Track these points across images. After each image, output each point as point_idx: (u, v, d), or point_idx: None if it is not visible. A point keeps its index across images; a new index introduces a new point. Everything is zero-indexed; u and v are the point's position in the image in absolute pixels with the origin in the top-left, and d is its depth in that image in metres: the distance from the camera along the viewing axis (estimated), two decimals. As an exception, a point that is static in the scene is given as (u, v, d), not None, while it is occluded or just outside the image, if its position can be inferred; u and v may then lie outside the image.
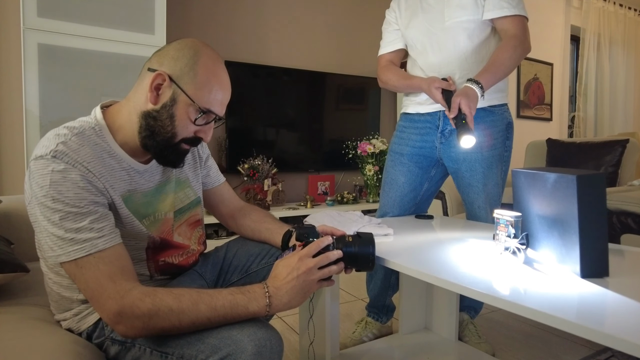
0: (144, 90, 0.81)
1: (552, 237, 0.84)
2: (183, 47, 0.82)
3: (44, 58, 1.84)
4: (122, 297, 0.69)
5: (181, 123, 0.81)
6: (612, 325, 0.59)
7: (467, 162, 1.43)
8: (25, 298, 1.00)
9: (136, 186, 0.85)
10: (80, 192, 0.72)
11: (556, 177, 0.80)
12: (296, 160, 3.07)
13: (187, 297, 0.70)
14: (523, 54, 1.36)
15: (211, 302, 0.71)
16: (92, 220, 0.72)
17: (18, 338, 0.76)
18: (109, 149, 0.81)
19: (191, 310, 0.70)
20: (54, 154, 0.72)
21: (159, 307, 0.69)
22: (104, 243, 0.72)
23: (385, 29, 1.58)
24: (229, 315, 0.71)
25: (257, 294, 0.74)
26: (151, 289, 0.71)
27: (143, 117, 0.81)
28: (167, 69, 0.80)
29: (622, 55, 4.89)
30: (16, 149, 2.12)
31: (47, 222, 0.71)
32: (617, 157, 2.61)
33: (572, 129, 4.75)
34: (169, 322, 0.69)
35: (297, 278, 0.76)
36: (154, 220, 0.88)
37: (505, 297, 0.68)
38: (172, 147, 0.84)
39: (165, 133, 0.81)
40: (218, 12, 2.82)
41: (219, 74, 0.84)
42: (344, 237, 0.87)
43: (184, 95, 0.80)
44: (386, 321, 1.65)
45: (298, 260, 0.78)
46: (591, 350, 1.56)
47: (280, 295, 0.75)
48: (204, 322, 0.70)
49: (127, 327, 0.70)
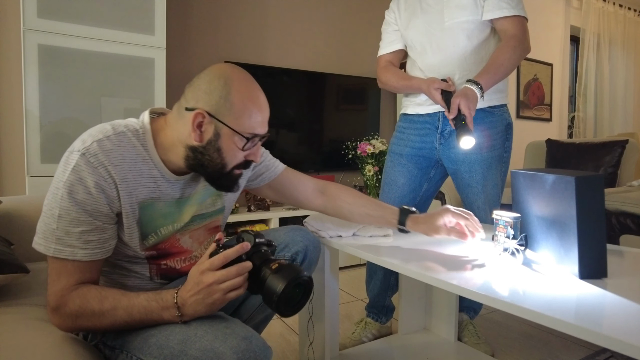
0: (186, 125, 0.81)
1: (550, 238, 0.85)
2: (212, 78, 0.81)
3: (44, 59, 1.84)
4: (61, 296, 0.75)
5: (229, 154, 0.83)
6: (610, 326, 0.59)
7: (466, 163, 1.44)
8: (25, 298, 1.00)
9: (160, 195, 0.85)
10: (88, 198, 0.75)
11: (555, 179, 0.80)
12: (296, 161, 3.07)
13: (110, 300, 0.75)
14: (523, 55, 1.36)
15: (128, 308, 0.75)
16: (83, 231, 0.75)
17: (18, 338, 0.76)
18: (145, 155, 0.82)
19: (110, 313, 0.74)
20: (84, 152, 0.75)
21: (83, 310, 0.74)
22: (83, 255, 0.76)
23: (384, 30, 1.59)
24: (145, 321, 0.75)
25: (169, 302, 0.74)
26: (86, 290, 0.76)
27: (190, 150, 0.83)
28: (203, 105, 0.80)
29: (622, 56, 4.89)
30: (16, 150, 2.12)
31: (47, 210, 0.75)
32: (617, 158, 2.61)
33: (572, 129, 4.75)
34: (92, 323, 0.75)
35: (199, 292, 0.73)
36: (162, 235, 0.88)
37: (504, 298, 0.69)
38: (225, 176, 0.86)
39: (215, 165, 0.83)
40: (218, 12, 2.82)
41: (254, 96, 0.84)
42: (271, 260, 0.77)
43: (226, 127, 0.81)
44: (386, 322, 1.65)
45: (200, 273, 0.74)
46: (590, 350, 1.56)
47: (186, 307, 0.74)
48: (122, 325, 0.76)
49: (59, 322, 0.77)
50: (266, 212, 2.59)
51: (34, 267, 1.09)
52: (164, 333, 0.73)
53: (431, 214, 1.05)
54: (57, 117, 1.87)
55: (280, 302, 0.73)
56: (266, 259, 0.77)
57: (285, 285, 0.72)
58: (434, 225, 1.03)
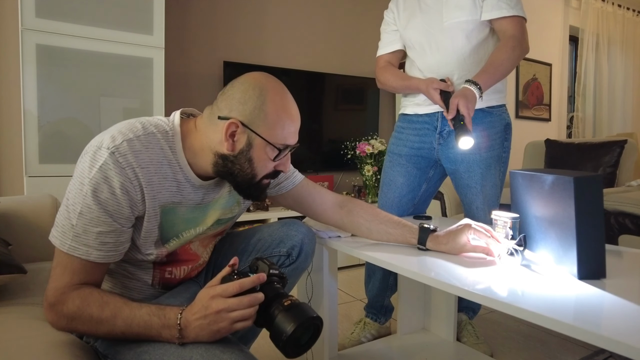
0: (218, 133, 0.80)
1: (549, 238, 0.84)
2: (248, 87, 0.81)
3: (42, 59, 1.84)
4: (62, 293, 0.73)
5: (260, 164, 0.83)
6: (609, 327, 0.59)
7: (465, 163, 1.44)
8: (23, 299, 1.00)
9: (182, 199, 0.84)
10: (111, 199, 0.73)
11: (553, 179, 0.80)
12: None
13: (111, 307, 0.73)
14: (521, 55, 1.36)
15: (128, 319, 0.72)
16: (101, 232, 0.74)
17: (15, 339, 0.76)
18: (171, 158, 0.81)
19: (109, 322, 0.72)
20: (113, 150, 0.73)
21: (82, 313, 0.72)
22: (96, 257, 0.75)
23: (383, 30, 1.58)
24: (142, 335, 0.72)
25: (171, 321, 0.71)
26: (88, 292, 0.74)
27: (220, 157, 0.82)
28: (237, 114, 0.80)
29: (621, 56, 4.89)
30: (15, 150, 2.12)
31: (70, 204, 0.74)
32: (616, 158, 2.61)
33: (571, 129, 4.75)
34: (87, 327, 0.74)
35: (206, 317, 0.69)
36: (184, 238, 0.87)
37: (503, 298, 0.69)
38: (254, 185, 0.85)
39: (245, 175, 0.83)
40: (217, 12, 2.82)
41: (288, 107, 0.84)
42: (284, 296, 0.74)
43: (259, 138, 0.80)
44: (385, 322, 1.65)
45: (210, 298, 0.70)
46: (589, 350, 1.56)
47: (189, 330, 0.70)
48: (118, 335, 0.73)
49: (53, 320, 0.75)
50: (265, 213, 2.59)
51: (31, 267, 1.09)
52: (159, 352, 0.71)
53: (452, 231, 0.98)
54: (55, 117, 1.86)
55: (288, 343, 0.69)
56: (277, 293, 0.74)
57: (297, 327, 0.69)
58: (457, 244, 0.96)
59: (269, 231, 1.06)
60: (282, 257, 1.02)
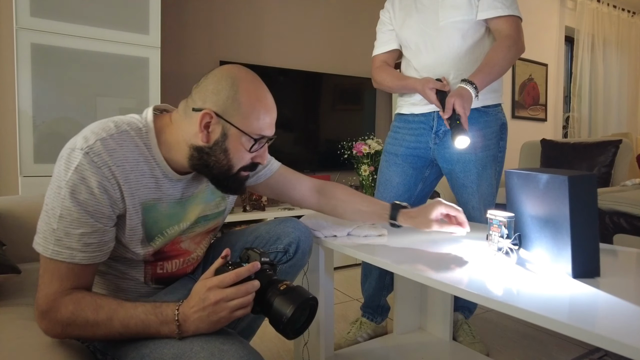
0: (192, 125, 0.80)
1: (544, 237, 0.85)
2: (220, 78, 0.81)
3: (37, 58, 1.83)
4: (53, 300, 0.72)
5: (236, 155, 0.82)
6: (603, 325, 0.59)
7: (461, 163, 1.44)
8: (17, 299, 0.99)
9: (162, 195, 0.84)
10: (90, 199, 0.73)
11: (548, 178, 0.80)
12: (292, 161, 3.05)
13: (106, 310, 0.72)
14: (517, 54, 1.36)
15: (125, 320, 0.72)
16: (83, 233, 0.73)
17: (9, 338, 0.76)
18: (147, 154, 0.81)
19: (105, 324, 0.72)
20: (87, 150, 0.73)
21: (76, 317, 0.71)
22: (81, 259, 0.74)
23: (379, 30, 1.59)
24: (141, 334, 0.73)
25: (169, 317, 0.71)
26: (80, 296, 0.73)
27: (195, 150, 0.81)
28: (211, 105, 0.79)
29: (616, 56, 4.92)
30: (9, 150, 2.11)
31: (49, 209, 0.73)
32: (611, 158, 2.63)
33: (567, 129, 4.78)
34: (84, 331, 0.73)
35: (204, 309, 0.70)
36: (169, 235, 0.87)
37: (498, 297, 0.69)
38: (231, 177, 0.85)
39: (222, 167, 0.82)
40: (213, 12, 2.81)
41: (262, 96, 0.83)
42: (279, 281, 0.76)
43: (234, 128, 0.80)
44: (381, 321, 1.65)
45: (207, 289, 0.71)
46: (585, 349, 1.56)
47: (188, 323, 0.71)
48: (116, 337, 0.73)
49: (47, 327, 0.73)
50: (262, 212, 2.58)
51: (25, 267, 1.08)
52: (158, 345, 0.71)
53: (423, 207, 1.06)
54: (50, 116, 1.85)
55: (288, 325, 0.72)
56: (271, 279, 0.76)
57: (295, 308, 0.71)
58: (426, 219, 1.03)
59: (266, 228, 1.06)
60: (279, 253, 1.03)
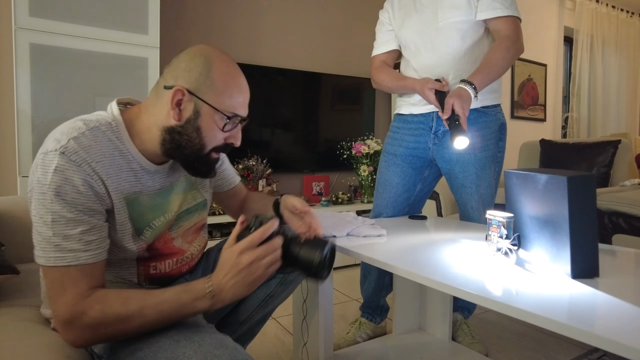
0: (164, 106, 0.79)
1: (543, 237, 0.85)
2: (193, 56, 0.80)
3: (36, 58, 1.83)
4: (74, 305, 0.69)
5: (209, 134, 0.81)
6: (602, 326, 0.59)
7: (460, 163, 1.44)
8: (16, 300, 0.99)
9: (142, 188, 0.83)
10: (78, 197, 0.71)
11: (547, 178, 0.80)
12: (291, 161, 3.06)
13: (135, 301, 0.71)
14: (516, 55, 1.36)
15: (157, 306, 0.71)
16: (83, 231, 0.71)
17: (7, 340, 0.75)
18: (122, 148, 0.79)
19: (138, 315, 0.70)
20: (62, 150, 0.70)
21: (106, 315, 0.69)
22: (86, 258, 0.71)
23: (378, 30, 1.58)
24: (175, 316, 0.73)
25: (201, 292, 0.73)
26: (103, 294, 0.71)
27: (167, 132, 0.80)
28: (183, 82, 0.78)
29: (615, 57, 4.93)
30: (8, 150, 2.10)
31: (38, 219, 0.70)
32: (610, 158, 2.63)
33: (566, 129, 4.78)
34: (116, 328, 0.70)
35: (239, 273, 0.73)
36: (157, 227, 0.86)
37: (497, 298, 0.69)
38: (202, 158, 0.83)
39: (194, 146, 0.81)
40: (212, 12, 2.81)
41: (235, 75, 0.82)
42: (297, 235, 0.82)
43: (207, 105, 0.79)
44: (380, 322, 1.65)
45: (239, 254, 0.74)
46: (583, 349, 1.57)
47: (223, 292, 0.73)
48: (150, 326, 0.72)
49: (75, 337, 0.70)
50: (261, 212, 2.58)
51: (24, 268, 1.08)
52: (153, 348, 0.71)
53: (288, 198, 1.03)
54: (50, 116, 1.85)
55: (320, 266, 0.78)
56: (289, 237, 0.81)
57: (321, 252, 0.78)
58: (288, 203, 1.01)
59: None
60: None
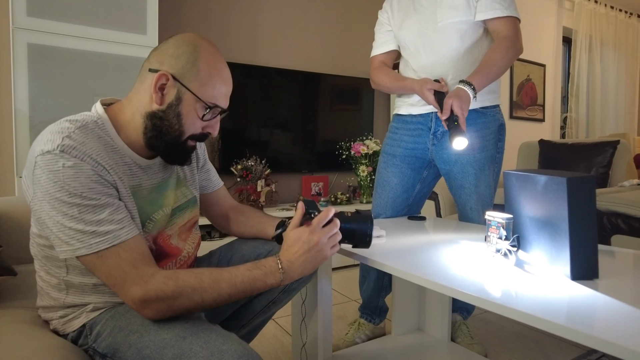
0: (147, 90, 0.80)
1: (542, 239, 0.85)
2: (181, 43, 0.81)
3: (34, 58, 1.82)
4: (146, 283, 0.72)
5: (188, 120, 0.82)
6: (601, 328, 0.59)
7: (459, 164, 1.44)
8: (13, 301, 0.99)
9: (140, 182, 0.84)
10: (95, 186, 0.72)
11: (547, 180, 0.80)
12: (290, 161, 3.06)
13: (208, 275, 0.75)
14: (515, 55, 1.36)
15: (231, 279, 0.76)
16: (111, 212, 0.73)
17: (4, 343, 0.75)
18: (112, 143, 0.80)
19: (213, 288, 0.75)
20: (62, 149, 0.70)
21: (182, 288, 0.73)
22: (125, 234, 0.73)
23: (377, 30, 1.58)
24: (248, 290, 0.78)
25: (273, 268, 0.80)
26: (172, 272, 0.75)
27: (148, 117, 0.81)
28: (168, 67, 0.79)
29: (613, 57, 4.93)
30: (5, 150, 2.10)
31: (62, 217, 0.70)
32: (608, 158, 2.63)
33: (564, 129, 4.79)
34: (193, 301, 0.74)
35: (309, 251, 0.82)
36: (157, 220, 0.87)
37: (496, 300, 0.68)
38: (180, 145, 0.84)
39: (173, 132, 0.82)
40: (211, 12, 2.81)
41: (221, 67, 0.84)
42: (343, 213, 0.91)
43: (190, 93, 0.80)
44: (379, 322, 1.65)
45: (309, 233, 0.83)
46: (583, 350, 1.57)
47: (293, 268, 0.82)
48: (225, 299, 0.76)
49: (153, 310, 0.73)
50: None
51: (21, 269, 1.08)
52: (159, 345, 0.71)
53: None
54: (48, 117, 1.85)
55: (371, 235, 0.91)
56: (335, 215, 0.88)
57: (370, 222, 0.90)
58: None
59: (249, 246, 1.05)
60: None
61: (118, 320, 0.78)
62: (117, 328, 0.77)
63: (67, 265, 0.79)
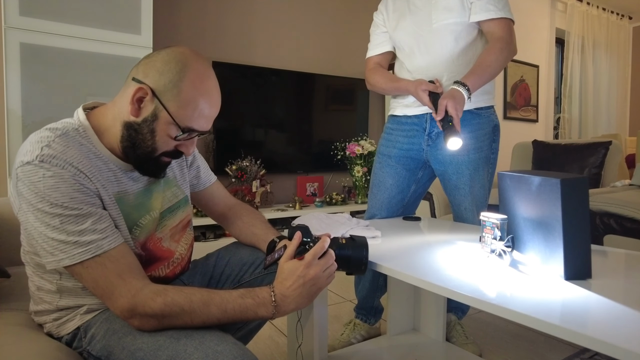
0: (127, 98, 0.78)
1: (536, 239, 0.85)
2: (171, 59, 0.77)
3: (27, 58, 1.81)
4: (133, 296, 0.71)
5: (162, 139, 0.79)
6: (594, 327, 0.59)
7: (453, 165, 1.44)
8: (7, 303, 0.98)
9: (125, 187, 0.83)
10: (77, 195, 0.71)
11: (541, 181, 0.81)
12: (285, 162, 3.06)
13: (198, 297, 0.73)
14: (509, 57, 1.37)
15: (222, 304, 0.73)
16: (93, 222, 0.72)
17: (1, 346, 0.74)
18: (95, 150, 0.79)
19: (202, 310, 0.72)
20: (41, 159, 0.70)
21: (171, 308, 0.71)
22: (108, 244, 0.72)
23: (373, 31, 1.59)
24: (238, 318, 0.75)
25: (266, 300, 0.76)
26: (162, 288, 0.73)
27: (125, 126, 0.79)
28: (150, 82, 0.76)
29: (605, 58, 4.98)
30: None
31: (45, 228, 0.70)
32: (601, 159, 2.66)
33: (558, 130, 4.83)
34: (182, 321, 0.72)
35: (304, 285, 0.78)
36: (144, 225, 0.86)
37: (491, 300, 0.69)
38: (153, 160, 0.82)
39: (146, 147, 0.79)
40: (206, 12, 2.80)
41: (206, 90, 0.80)
42: (337, 239, 0.89)
43: (165, 112, 0.77)
44: (374, 323, 1.65)
45: (305, 267, 0.79)
46: (576, 349, 1.58)
47: (287, 302, 0.78)
48: (214, 323, 0.74)
49: (141, 323, 0.72)
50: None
51: (15, 271, 1.07)
52: (153, 347, 0.70)
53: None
54: (40, 117, 1.83)
55: (367, 263, 0.88)
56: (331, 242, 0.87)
57: (366, 249, 0.88)
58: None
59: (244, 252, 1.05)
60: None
61: (112, 322, 0.78)
62: (111, 330, 0.77)
63: (58, 272, 0.79)
